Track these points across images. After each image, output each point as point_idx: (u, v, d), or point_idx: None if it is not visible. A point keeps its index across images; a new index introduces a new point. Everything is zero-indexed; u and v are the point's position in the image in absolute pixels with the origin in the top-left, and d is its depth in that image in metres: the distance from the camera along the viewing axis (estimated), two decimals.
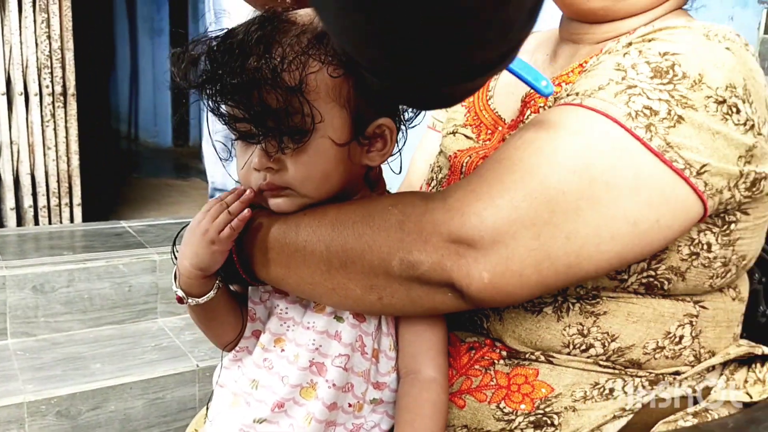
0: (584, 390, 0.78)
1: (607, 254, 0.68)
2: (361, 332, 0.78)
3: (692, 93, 0.68)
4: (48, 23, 2.45)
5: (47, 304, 2.09)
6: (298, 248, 0.75)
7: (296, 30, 0.73)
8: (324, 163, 0.74)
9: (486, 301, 0.69)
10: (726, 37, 0.73)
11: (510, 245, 0.66)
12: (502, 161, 0.70)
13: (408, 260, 0.69)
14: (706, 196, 0.69)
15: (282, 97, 0.69)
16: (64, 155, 2.55)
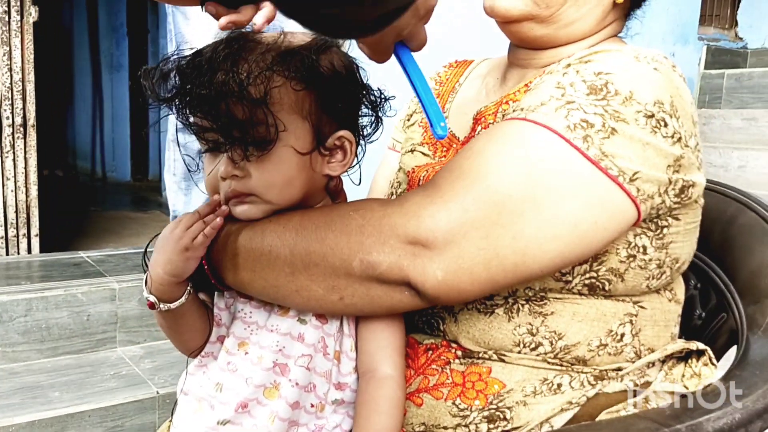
0: (534, 385, 0.83)
1: (550, 253, 0.74)
2: (324, 333, 0.82)
3: (624, 108, 0.75)
4: (10, 56, 2.46)
5: (5, 334, 2.07)
6: (263, 252, 0.79)
7: (261, 48, 0.78)
8: (287, 170, 0.79)
9: (440, 298, 0.74)
10: (654, 59, 0.80)
11: (461, 245, 0.72)
12: (453, 170, 0.76)
13: (367, 261, 0.74)
14: (638, 201, 0.76)
15: (247, 109, 0.75)
16: (22, 186, 2.54)
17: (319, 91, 0.79)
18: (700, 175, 0.83)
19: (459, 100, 1.04)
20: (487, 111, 0.91)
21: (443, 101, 1.05)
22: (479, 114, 0.92)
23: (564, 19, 0.89)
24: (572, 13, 0.89)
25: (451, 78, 1.09)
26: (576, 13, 0.89)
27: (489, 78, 1.03)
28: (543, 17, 0.89)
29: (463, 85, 1.06)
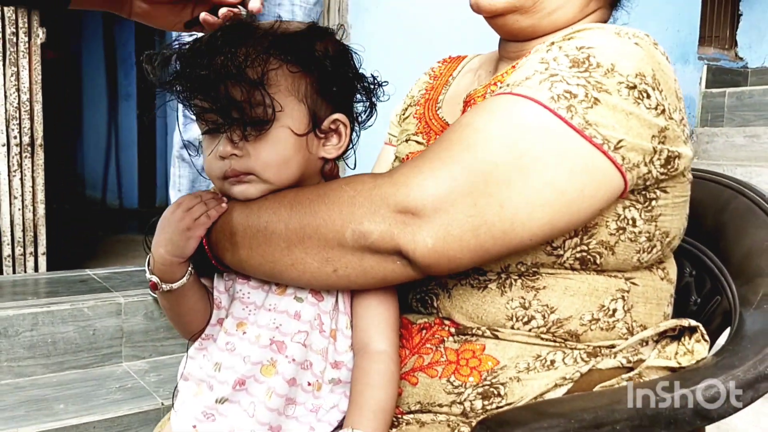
0: (527, 362, 0.83)
1: (538, 221, 0.76)
2: (320, 311, 0.84)
3: (606, 79, 0.78)
4: (17, 76, 2.51)
5: (10, 348, 2.08)
6: (259, 229, 0.81)
7: (258, 34, 0.81)
8: (284, 150, 0.81)
9: (431, 266, 0.76)
10: (635, 35, 0.83)
11: (450, 212, 0.74)
12: (442, 142, 0.78)
13: (359, 231, 0.76)
14: (624, 169, 0.77)
15: (245, 90, 0.77)
16: (30, 204, 2.58)
17: (314, 75, 0.82)
18: (686, 148, 0.84)
19: (452, 92, 1.06)
20: (476, 93, 0.93)
21: (437, 93, 1.08)
22: (469, 96, 0.94)
23: (547, 8, 0.92)
24: (554, 1, 0.92)
25: (445, 72, 1.12)
26: (558, 1, 0.92)
27: (481, 71, 1.06)
28: (526, 8, 0.92)
29: (456, 79, 1.09)
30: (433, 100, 1.07)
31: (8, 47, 2.49)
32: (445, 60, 1.16)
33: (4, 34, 2.47)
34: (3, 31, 2.46)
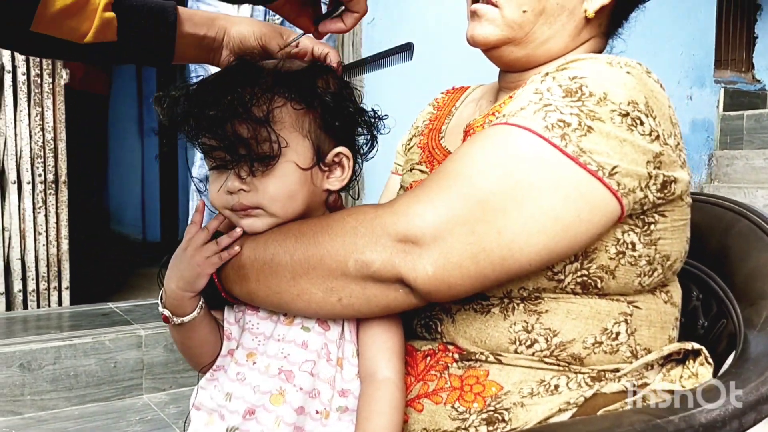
0: (531, 387, 0.84)
1: (536, 246, 0.77)
2: (327, 340, 0.86)
3: (599, 108, 0.79)
4: (42, 116, 2.59)
5: (34, 382, 2.12)
6: (266, 262, 0.83)
7: (263, 73, 0.85)
8: (290, 184, 0.84)
9: (432, 293, 0.78)
10: (627, 64, 0.85)
11: (449, 240, 0.76)
12: (440, 172, 0.81)
13: (361, 260, 0.78)
14: (620, 195, 0.79)
15: (252, 128, 0.81)
16: (54, 240, 2.64)
17: (317, 111, 0.85)
18: (683, 172, 0.86)
19: (454, 122, 1.09)
20: (476, 123, 0.96)
21: (440, 123, 1.10)
22: (468, 126, 0.97)
23: (539, 37, 0.95)
24: (545, 31, 0.94)
25: (448, 103, 1.14)
26: (549, 30, 0.94)
27: (482, 101, 1.09)
28: (519, 39, 0.95)
29: (459, 109, 1.12)
30: (437, 130, 1.10)
31: (33, 88, 2.57)
32: (448, 91, 1.19)
33: (29, 76, 2.55)
34: (28, 73, 2.54)
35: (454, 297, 0.80)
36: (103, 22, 0.91)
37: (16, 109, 2.55)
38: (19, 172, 2.57)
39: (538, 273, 0.83)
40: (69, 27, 0.90)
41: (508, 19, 0.94)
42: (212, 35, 1.00)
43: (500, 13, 0.94)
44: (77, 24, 0.90)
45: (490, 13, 0.95)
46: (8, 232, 2.56)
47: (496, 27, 0.95)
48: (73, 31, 0.91)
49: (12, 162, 2.56)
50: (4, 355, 2.08)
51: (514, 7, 0.94)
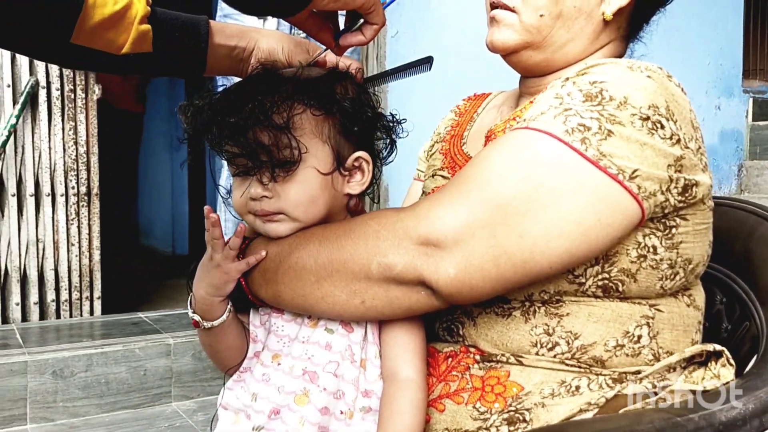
0: (552, 387, 0.85)
1: (557, 250, 0.78)
2: (350, 342, 0.88)
3: (619, 112, 0.80)
4: (75, 130, 2.66)
5: (66, 389, 2.17)
6: (291, 265, 0.85)
7: (283, 81, 0.87)
8: (311, 189, 0.86)
9: (454, 295, 0.79)
10: (648, 68, 0.86)
11: (470, 243, 0.77)
12: (461, 176, 0.82)
13: (384, 263, 0.80)
14: (641, 198, 0.80)
15: (273, 134, 0.83)
16: (86, 251, 2.70)
17: (336, 117, 0.88)
18: (704, 176, 0.86)
19: (476, 128, 1.10)
20: (497, 128, 0.97)
21: (462, 129, 1.12)
22: (490, 132, 0.98)
23: (557, 41, 0.96)
24: (563, 34, 0.96)
25: (470, 109, 1.16)
26: (567, 34, 0.96)
27: (503, 107, 1.10)
28: (537, 43, 0.96)
29: (481, 115, 1.13)
30: (459, 136, 1.11)
31: (67, 103, 2.64)
32: (470, 97, 1.20)
33: (63, 91, 2.62)
34: (62, 88, 2.61)
35: (476, 299, 0.81)
36: (139, 34, 0.95)
37: (50, 123, 2.63)
38: (53, 184, 2.64)
39: (559, 276, 0.83)
40: (107, 39, 0.94)
41: (526, 24, 0.95)
42: (243, 46, 1.04)
43: (518, 18, 0.96)
44: (115, 36, 0.94)
45: (509, 18, 0.97)
46: (42, 243, 2.63)
47: (515, 32, 0.96)
48: (111, 42, 0.94)
49: (46, 175, 2.63)
50: (37, 362, 2.13)
51: (531, 12, 0.95)
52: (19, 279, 2.59)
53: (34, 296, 2.62)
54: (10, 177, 2.57)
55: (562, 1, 0.94)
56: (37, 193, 2.63)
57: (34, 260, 2.61)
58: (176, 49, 1.00)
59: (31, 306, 2.62)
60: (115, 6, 0.94)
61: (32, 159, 2.61)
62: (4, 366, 2.10)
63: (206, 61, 1.01)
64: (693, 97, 1.01)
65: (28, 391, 2.11)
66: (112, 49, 0.95)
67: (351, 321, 0.88)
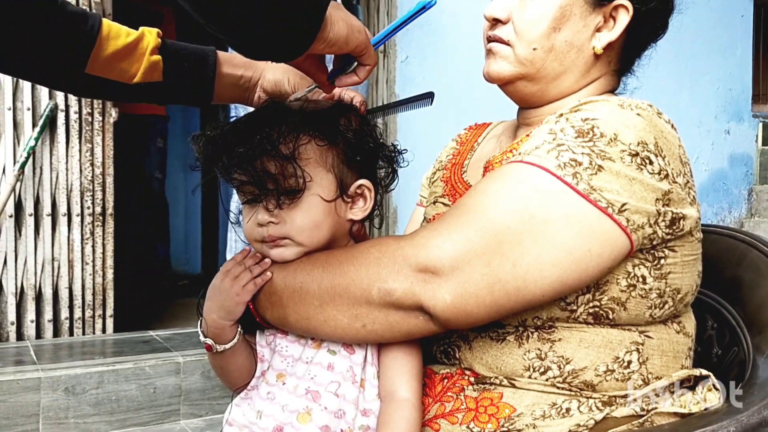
0: (543, 409, 0.88)
1: (549, 278, 0.82)
2: (351, 363, 0.91)
3: (609, 148, 0.84)
4: (92, 152, 2.73)
5: (77, 406, 2.21)
6: (295, 289, 0.90)
7: (290, 113, 0.92)
8: (315, 215, 0.91)
9: (450, 320, 0.83)
10: (638, 106, 0.89)
11: (466, 271, 0.81)
12: (459, 206, 0.87)
13: (384, 289, 0.84)
14: (629, 230, 0.83)
15: (279, 164, 0.88)
16: (100, 270, 2.76)
17: (339, 147, 0.92)
18: (692, 209, 0.89)
19: (476, 157, 1.15)
20: (495, 160, 1.01)
21: (463, 158, 1.16)
22: (488, 163, 1.02)
23: (550, 73, 1.00)
24: (556, 67, 1.00)
25: (471, 138, 1.21)
26: (560, 67, 1.00)
27: (503, 137, 1.14)
28: (531, 75, 1.01)
29: (481, 144, 1.17)
30: (459, 165, 1.16)
31: (84, 126, 2.71)
32: (471, 127, 1.25)
33: (80, 114, 2.70)
34: (80, 111, 2.69)
35: (472, 324, 0.85)
36: (150, 64, 1.00)
37: (68, 145, 2.70)
38: (69, 204, 2.70)
39: (551, 303, 0.87)
40: (120, 69, 0.99)
41: (519, 56, 1.00)
42: (249, 76, 1.08)
43: (512, 51, 1.01)
44: (127, 66, 0.99)
45: (504, 51, 1.02)
46: (57, 261, 2.69)
47: (509, 63, 1.01)
48: (124, 72, 0.99)
49: (63, 195, 2.70)
50: (50, 379, 2.18)
51: (525, 45, 1.00)
52: (34, 297, 2.65)
53: (48, 314, 2.67)
54: (28, 197, 2.64)
55: (554, 36, 0.99)
56: (54, 213, 2.69)
57: (50, 278, 2.67)
58: (185, 78, 1.05)
59: (45, 323, 2.67)
60: (127, 38, 0.99)
61: (50, 180, 2.67)
62: (19, 382, 2.15)
63: (214, 89, 1.06)
64: (702, 121, 1.04)
65: (41, 407, 2.16)
66: (125, 79, 1.00)
67: (352, 343, 0.92)
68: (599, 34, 1.00)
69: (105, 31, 0.98)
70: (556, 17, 0.98)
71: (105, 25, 0.98)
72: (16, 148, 2.61)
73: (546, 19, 0.98)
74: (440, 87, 3.34)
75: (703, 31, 4.33)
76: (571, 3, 0.98)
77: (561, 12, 0.98)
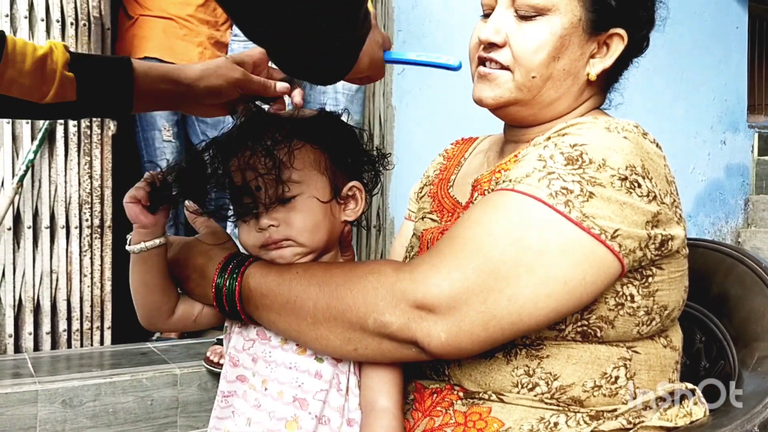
0: (531, 424, 0.89)
1: (544, 310, 0.83)
2: (338, 371, 0.93)
3: (599, 174, 0.85)
4: (90, 165, 2.75)
5: (75, 418, 2.21)
6: (289, 300, 0.91)
7: (280, 121, 0.96)
8: (314, 216, 0.94)
9: (443, 355, 0.85)
10: (624, 128, 0.90)
11: (462, 310, 0.82)
12: (455, 239, 0.87)
13: (381, 321, 0.85)
14: (621, 255, 0.84)
15: (276, 170, 0.90)
16: (98, 282, 2.76)
17: (331, 151, 0.96)
18: (678, 228, 0.91)
19: (463, 172, 1.16)
20: (483, 179, 1.02)
21: (449, 173, 1.18)
22: (476, 181, 1.04)
23: (545, 100, 1.00)
24: (552, 94, 1.00)
25: (458, 153, 1.22)
26: (555, 93, 1.00)
27: (490, 152, 1.16)
28: (526, 101, 1.00)
29: (468, 159, 1.19)
30: (446, 180, 1.17)
31: (83, 139, 2.73)
32: (458, 141, 1.26)
33: (79, 127, 2.71)
34: (79, 125, 2.71)
35: (463, 357, 0.87)
36: (62, 82, 0.96)
37: (66, 158, 2.71)
38: (67, 217, 2.72)
39: None
40: (28, 87, 0.94)
41: (518, 83, 0.99)
42: (174, 89, 1.06)
43: (511, 77, 1.00)
44: (37, 84, 0.94)
45: (502, 77, 1.00)
46: (56, 274, 2.70)
47: (506, 90, 1.00)
48: (33, 91, 0.95)
49: (61, 208, 2.71)
50: (47, 391, 2.19)
51: (524, 73, 0.99)
52: (32, 309, 2.66)
53: (46, 326, 2.68)
54: (27, 210, 2.65)
55: (552, 65, 0.98)
56: (52, 226, 2.70)
57: (48, 291, 2.68)
58: (100, 93, 1.01)
59: (43, 335, 2.68)
60: (35, 53, 0.95)
61: (48, 192, 2.69)
62: (16, 395, 2.16)
63: (132, 101, 1.04)
64: (699, 132, 1.04)
65: (38, 420, 2.16)
66: (35, 98, 0.96)
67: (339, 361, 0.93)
68: (593, 61, 1.01)
69: (9, 47, 0.94)
70: (557, 47, 0.97)
71: (9, 41, 0.94)
72: (15, 161, 2.62)
73: (546, 48, 0.97)
74: (435, 100, 3.37)
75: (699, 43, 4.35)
76: (570, 32, 0.98)
77: (561, 42, 0.97)
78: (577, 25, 0.98)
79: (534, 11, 0.98)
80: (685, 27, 4.10)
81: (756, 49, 5.00)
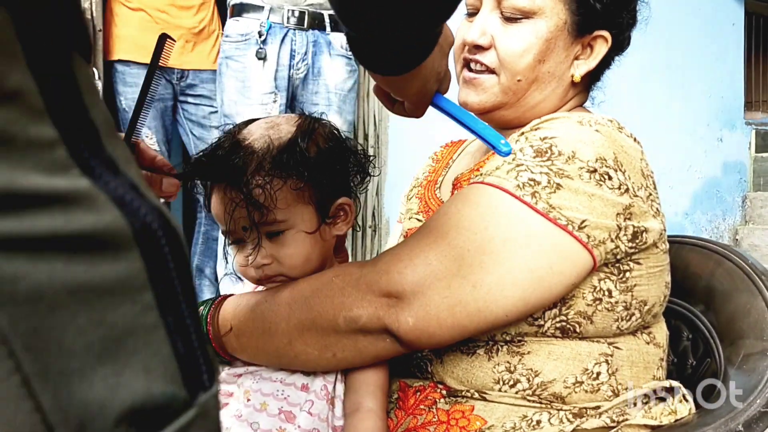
0: (514, 421, 0.89)
1: (511, 298, 0.83)
2: (325, 381, 0.93)
3: (567, 166, 0.85)
4: None
5: None
6: (264, 330, 0.91)
7: (256, 158, 0.90)
8: (304, 250, 0.92)
9: (414, 342, 0.85)
10: (597, 122, 0.91)
11: (426, 294, 0.83)
12: (422, 229, 0.89)
13: (350, 316, 0.86)
14: (590, 246, 0.84)
15: (257, 214, 0.88)
16: None
17: (313, 178, 0.91)
18: (655, 222, 0.91)
19: (450, 173, 1.16)
20: (463, 177, 1.02)
21: (438, 175, 1.17)
22: (457, 180, 1.04)
23: (530, 102, 1.01)
24: (537, 96, 1.01)
25: (446, 156, 1.22)
26: (540, 95, 1.01)
27: (477, 153, 1.15)
28: (512, 104, 1.01)
29: (456, 161, 1.19)
30: (434, 182, 1.17)
31: None
32: (447, 144, 1.26)
33: None
34: None
35: (437, 345, 0.87)
36: None
37: None
38: None
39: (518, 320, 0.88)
40: None
41: (504, 86, 1.00)
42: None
43: (497, 80, 1.00)
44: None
45: (488, 81, 1.00)
46: None
47: (492, 94, 1.00)
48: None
49: None
50: None
51: (510, 76, 0.99)
52: None
53: None
54: None
55: (538, 68, 0.99)
56: None
57: None
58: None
59: None
60: None
61: None
62: None
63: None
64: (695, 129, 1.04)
65: None
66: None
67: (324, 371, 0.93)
68: (577, 62, 1.01)
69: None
70: (542, 50, 0.98)
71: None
72: None
73: (532, 51, 0.98)
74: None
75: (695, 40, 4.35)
76: (556, 35, 0.98)
77: (547, 45, 0.98)
78: (562, 28, 0.98)
79: (520, 14, 0.98)
80: (681, 24, 4.10)
81: (752, 45, 4.99)
